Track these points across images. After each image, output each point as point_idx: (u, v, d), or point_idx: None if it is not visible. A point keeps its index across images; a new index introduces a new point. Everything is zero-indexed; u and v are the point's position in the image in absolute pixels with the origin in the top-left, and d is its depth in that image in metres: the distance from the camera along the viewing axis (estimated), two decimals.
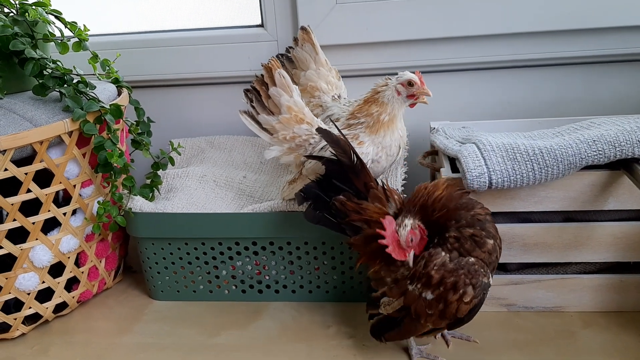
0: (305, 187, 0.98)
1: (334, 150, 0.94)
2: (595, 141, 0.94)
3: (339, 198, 0.95)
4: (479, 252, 0.85)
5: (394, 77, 1.04)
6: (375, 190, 0.94)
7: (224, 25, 1.41)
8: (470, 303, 0.85)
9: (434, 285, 0.86)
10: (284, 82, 1.02)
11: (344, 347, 1.02)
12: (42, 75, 1.06)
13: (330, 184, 0.97)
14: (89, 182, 1.10)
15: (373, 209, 0.93)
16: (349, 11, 1.28)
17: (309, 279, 1.13)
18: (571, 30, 1.27)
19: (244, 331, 1.08)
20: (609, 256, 1.02)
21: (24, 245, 1.04)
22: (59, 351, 1.06)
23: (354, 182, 0.95)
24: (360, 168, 0.94)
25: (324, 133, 0.96)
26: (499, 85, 1.36)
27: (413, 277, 0.89)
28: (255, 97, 1.06)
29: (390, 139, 1.03)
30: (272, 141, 1.05)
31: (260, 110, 1.05)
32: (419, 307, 0.88)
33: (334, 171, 0.96)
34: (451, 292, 0.85)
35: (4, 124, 0.99)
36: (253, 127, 1.06)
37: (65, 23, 1.12)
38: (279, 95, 1.02)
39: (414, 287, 0.89)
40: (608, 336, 1.00)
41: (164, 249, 1.14)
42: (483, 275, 0.85)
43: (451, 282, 0.85)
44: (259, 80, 1.05)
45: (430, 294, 0.87)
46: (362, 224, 0.94)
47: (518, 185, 0.94)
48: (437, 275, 0.85)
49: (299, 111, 1.03)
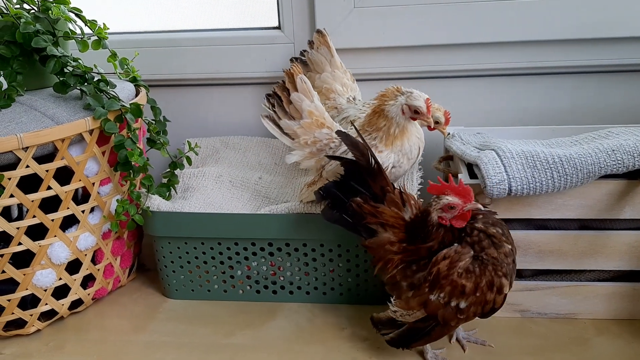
0: (325, 187, 0.99)
1: (352, 152, 0.95)
2: (614, 150, 0.95)
3: (356, 200, 0.96)
4: (495, 252, 0.87)
5: (404, 94, 1.01)
6: (391, 195, 0.96)
7: (241, 26, 1.42)
8: (506, 293, 0.88)
9: (468, 293, 0.87)
10: (305, 87, 1.03)
11: (360, 349, 1.02)
12: (64, 73, 1.06)
13: (348, 185, 0.98)
14: (108, 180, 1.11)
15: (389, 213, 0.94)
16: (366, 15, 1.29)
17: (324, 281, 1.14)
18: (586, 39, 1.28)
19: (259, 331, 1.09)
20: (623, 264, 1.03)
21: (43, 242, 1.04)
22: (74, 348, 1.07)
23: (371, 185, 0.96)
24: (377, 171, 0.95)
25: (343, 136, 0.97)
26: (514, 91, 1.36)
27: (433, 285, 0.89)
28: (277, 102, 1.06)
29: (409, 144, 1.04)
30: (294, 146, 1.06)
31: (282, 115, 1.06)
32: (447, 315, 0.90)
33: (352, 173, 0.97)
34: (489, 292, 0.87)
35: (26, 121, 1.00)
36: (275, 132, 1.07)
37: (86, 21, 1.12)
38: (300, 101, 1.03)
39: (438, 297, 0.89)
40: (621, 344, 1.01)
41: (180, 248, 1.14)
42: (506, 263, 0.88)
43: (487, 282, 0.87)
44: (280, 86, 1.06)
45: (464, 302, 0.88)
46: (377, 227, 0.95)
47: (537, 193, 0.95)
48: (469, 283, 0.87)
49: (319, 116, 1.04)
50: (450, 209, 0.88)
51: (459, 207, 0.87)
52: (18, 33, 1.02)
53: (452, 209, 0.88)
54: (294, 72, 1.04)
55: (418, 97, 1.00)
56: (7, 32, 1.04)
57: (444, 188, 0.89)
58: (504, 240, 0.88)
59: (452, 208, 0.88)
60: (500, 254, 0.87)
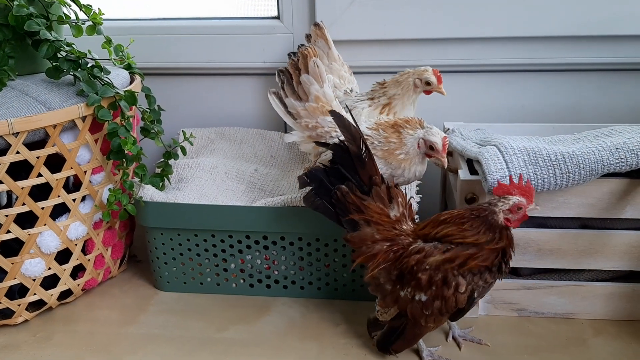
0: (310, 172, 0.95)
1: (344, 135, 0.91)
2: (618, 149, 0.93)
3: (341, 187, 0.92)
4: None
5: (424, 128, 0.98)
6: (378, 188, 0.92)
7: (239, 15, 1.39)
8: (466, 292, 0.86)
9: (425, 286, 0.87)
10: (317, 71, 1.01)
11: (354, 346, 1.01)
12: (57, 58, 1.03)
13: (336, 172, 0.94)
14: (100, 169, 1.08)
15: (374, 209, 0.92)
16: (368, 7, 1.27)
17: (319, 276, 1.12)
18: (588, 36, 1.26)
19: (252, 326, 1.07)
20: (622, 264, 1.01)
21: (32, 231, 1.02)
22: (63, 339, 1.04)
23: (359, 173, 0.92)
24: (367, 159, 0.92)
25: (337, 117, 0.93)
26: (514, 88, 1.35)
27: (402, 282, 0.89)
28: (287, 79, 1.05)
29: (409, 171, 1.00)
30: (294, 126, 1.05)
31: (290, 93, 1.05)
32: (414, 310, 0.89)
33: (341, 158, 0.93)
34: (445, 288, 0.86)
35: (17, 106, 0.97)
36: (278, 109, 1.06)
37: (80, 5, 1.09)
38: (309, 83, 1.02)
39: (406, 292, 0.89)
40: (619, 345, 1.00)
41: (173, 239, 1.12)
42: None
43: (440, 279, 0.85)
44: (293, 64, 1.05)
45: (424, 295, 0.87)
46: (361, 222, 0.92)
47: (539, 190, 0.93)
48: (424, 276, 0.86)
49: (326, 103, 1.02)
50: (518, 210, 0.85)
51: (524, 208, 0.85)
52: (11, 15, 0.99)
53: (519, 210, 0.85)
54: (308, 53, 1.02)
55: (436, 133, 0.97)
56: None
57: (511, 188, 0.86)
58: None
59: (519, 209, 0.85)
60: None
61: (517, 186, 0.86)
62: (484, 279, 0.86)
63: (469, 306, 0.89)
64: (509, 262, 0.88)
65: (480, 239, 0.85)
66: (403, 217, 0.93)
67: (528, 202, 0.85)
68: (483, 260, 0.85)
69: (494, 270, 0.87)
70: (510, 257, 0.88)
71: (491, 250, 0.85)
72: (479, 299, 0.90)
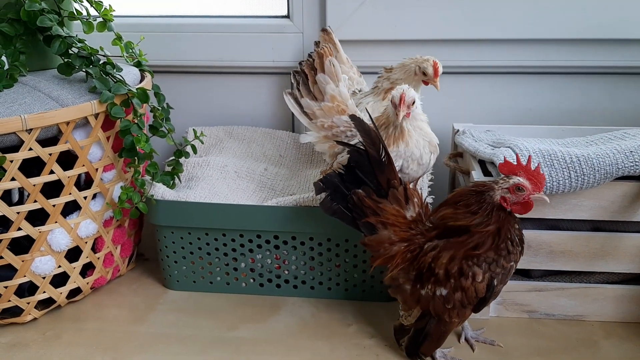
0: (325, 177, 0.96)
1: (364, 140, 0.91)
2: (632, 152, 0.94)
3: (357, 192, 0.93)
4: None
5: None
6: (395, 191, 0.92)
7: (249, 14, 1.39)
8: (484, 280, 0.86)
9: (443, 280, 0.87)
10: (333, 70, 1.02)
11: (366, 346, 1.01)
12: (68, 54, 1.03)
13: (353, 176, 0.94)
14: (111, 167, 1.08)
15: (390, 211, 0.92)
16: (378, 7, 1.27)
17: (329, 276, 1.12)
18: (596, 39, 1.27)
19: (263, 325, 1.07)
20: (633, 267, 1.02)
21: (43, 228, 1.01)
22: (72, 337, 1.04)
23: (378, 177, 0.92)
24: (387, 163, 0.92)
25: (357, 121, 0.93)
26: (522, 90, 1.35)
27: (422, 280, 0.89)
28: (303, 79, 1.06)
29: (413, 146, 1.00)
30: (310, 126, 1.05)
31: (305, 93, 1.05)
32: (436, 306, 0.89)
33: (359, 162, 0.93)
34: (462, 279, 0.86)
35: (30, 102, 0.97)
36: (294, 109, 1.07)
37: (91, 2, 1.09)
38: (325, 83, 1.02)
39: (426, 290, 0.89)
40: (629, 347, 1.00)
41: (183, 238, 1.12)
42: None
43: (457, 270, 0.86)
44: (309, 64, 1.06)
45: (444, 290, 0.88)
46: (378, 224, 0.92)
47: (554, 192, 0.94)
48: (441, 270, 0.87)
49: (342, 102, 1.02)
50: (517, 190, 0.83)
51: (527, 191, 0.83)
52: (23, 11, 0.99)
53: (519, 191, 0.83)
54: (324, 53, 1.02)
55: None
56: (11, 10, 1.01)
57: (517, 168, 0.84)
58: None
59: (519, 190, 0.83)
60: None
61: (523, 168, 0.84)
62: (500, 265, 0.86)
63: (491, 294, 0.88)
64: (515, 243, 0.87)
65: (471, 221, 0.85)
66: (420, 217, 0.92)
67: (534, 188, 0.83)
68: (478, 246, 0.85)
69: (504, 254, 0.86)
70: (508, 238, 0.86)
71: (481, 234, 0.84)
72: (502, 286, 0.89)
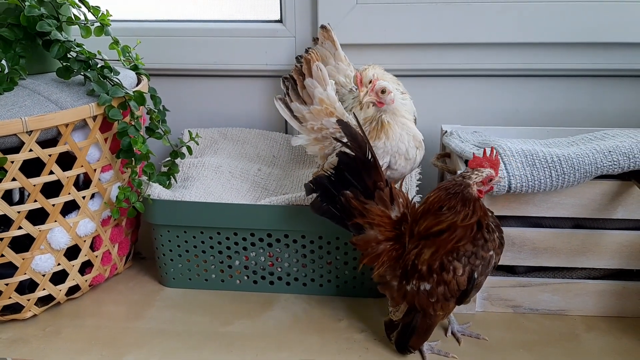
0: (315, 179, 1.00)
1: (351, 143, 0.95)
2: (611, 152, 0.97)
3: (345, 193, 0.97)
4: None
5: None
6: (381, 192, 0.96)
7: (242, 18, 1.42)
8: (464, 274, 0.90)
9: (426, 275, 0.91)
10: (321, 74, 1.05)
11: (356, 340, 1.04)
12: (67, 58, 1.06)
13: (341, 178, 0.98)
14: (109, 167, 1.11)
15: (376, 212, 0.96)
16: (369, 12, 1.31)
17: (321, 273, 1.16)
18: (581, 43, 1.31)
19: (256, 321, 1.10)
20: (613, 263, 1.06)
21: (43, 227, 1.04)
22: (71, 333, 1.07)
23: (364, 179, 0.96)
24: (373, 165, 0.95)
25: (344, 125, 0.97)
26: (508, 92, 1.39)
27: (407, 277, 0.93)
28: (292, 85, 1.09)
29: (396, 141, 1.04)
30: (301, 129, 1.09)
31: (295, 98, 1.09)
32: (421, 301, 0.93)
33: (347, 164, 0.97)
34: (444, 273, 0.90)
35: (30, 105, 1.00)
36: (285, 114, 1.10)
37: (89, 7, 1.12)
38: (313, 87, 1.06)
39: (411, 286, 0.93)
40: (610, 339, 1.04)
41: (179, 236, 1.15)
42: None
43: (438, 266, 0.90)
44: (297, 70, 1.09)
45: (427, 284, 0.91)
46: (364, 224, 0.96)
47: (535, 191, 0.97)
48: (424, 267, 0.91)
49: (330, 105, 1.06)
50: (489, 182, 0.89)
51: (493, 180, 0.89)
52: (22, 16, 1.02)
53: (490, 182, 0.89)
54: (311, 58, 1.06)
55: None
56: (11, 15, 1.04)
57: (483, 160, 0.89)
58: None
59: (490, 181, 0.89)
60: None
61: (487, 159, 0.90)
62: (480, 256, 0.90)
63: (472, 287, 0.92)
64: (491, 229, 0.91)
65: (455, 219, 0.88)
66: (405, 216, 0.96)
67: (495, 174, 0.89)
68: (460, 239, 0.88)
69: (481, 243, 0.90)
70: (487, 226, 0.90)
71: (464, 227, 0.88)
72: (483, 278, 0.92)
